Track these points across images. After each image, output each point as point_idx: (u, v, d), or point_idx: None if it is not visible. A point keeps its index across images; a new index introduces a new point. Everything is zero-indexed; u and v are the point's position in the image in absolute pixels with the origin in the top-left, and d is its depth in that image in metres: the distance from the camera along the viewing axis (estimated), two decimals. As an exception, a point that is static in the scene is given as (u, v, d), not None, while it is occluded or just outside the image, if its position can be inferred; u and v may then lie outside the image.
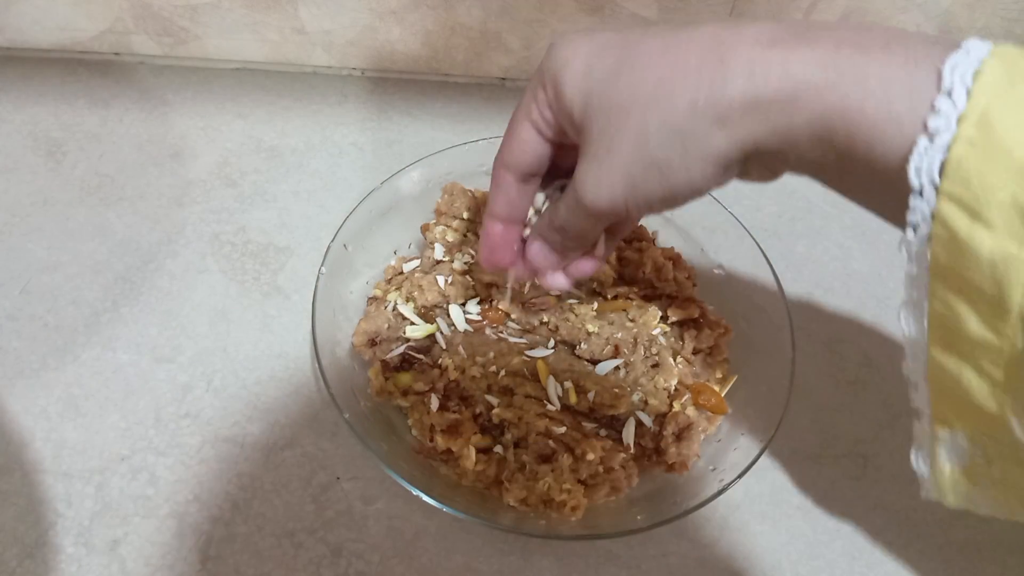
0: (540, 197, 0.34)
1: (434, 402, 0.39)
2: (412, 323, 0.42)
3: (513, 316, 0.42)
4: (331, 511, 0.39)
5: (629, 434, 0.39)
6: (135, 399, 0.42)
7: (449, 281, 0.43)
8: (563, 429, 0.38)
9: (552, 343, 0.42)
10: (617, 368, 0.41)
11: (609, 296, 0.43)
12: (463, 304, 0.43)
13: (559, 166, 0.32)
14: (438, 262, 0.45)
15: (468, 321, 0.42)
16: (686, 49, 0.25)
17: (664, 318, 0.43)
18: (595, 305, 0.43)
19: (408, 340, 0.42)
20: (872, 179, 0.24)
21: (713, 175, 0.26)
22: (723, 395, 0.42)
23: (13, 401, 0.42)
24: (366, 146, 0.56)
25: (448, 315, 0.42)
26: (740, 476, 0.37)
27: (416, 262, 0.46)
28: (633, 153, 0.26)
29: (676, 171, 0.26)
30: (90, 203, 0.51)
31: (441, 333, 0.42)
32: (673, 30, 0.26)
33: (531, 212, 0.34)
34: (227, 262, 0.49)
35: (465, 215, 0.46)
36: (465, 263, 0.44)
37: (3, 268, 0.47)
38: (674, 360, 0.42)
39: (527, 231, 0.34)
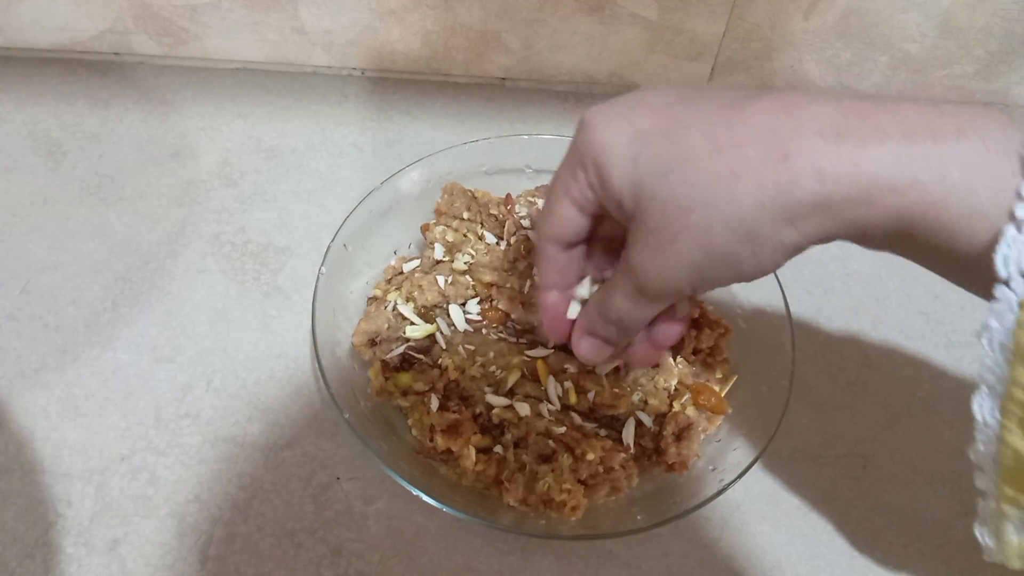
0: (584, 288, 0.33)
1: (434, 402, 0.39)
2: (412, 323, 0.42)
3: (513, 316, 0.42)
4: (331, 511, 0.39)
5: (629, 434, 0.39)
6: (135, 399, 0.42)
7: (449, 281, 0.43)
8: (563, 429, 0.38)
9: (552, 343, 0.42)
10: (617, 368, 0.41)
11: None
12: (463, 304, 0.43)
13: (599, 234, 0.32)
14: (438, 262, 0.45)
15: (468, 321, 0.42)
16: (740, 145, 0.24)
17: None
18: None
19: (408, 340, 0.42)
20: (953, 264, 0.24)
21: (784, 260, 0.26)
22: (723, 395, 0.42)
23: (13, 401, 0.42)
24: (366, 146, 0.56)
25: (448, 315, 0.42)
26: (740, 476, 0.37)
27: (416, 262, 0.46)
28: (699, 247, 0.25)
29: (745, 262, 0.25)
30: (90, 203, 0.51)
31: (441, 333, 0.42)
32: (717, 114, 0.25)
33: (575, 303, 0.33)
34: (227, 262, 0.49)
35: (465, 215, 0.46)
36: (465, 263, 0.44)
37: (3, 268, 0.47)
38: (674, 360, 0.42)
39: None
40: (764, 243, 0.24)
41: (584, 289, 0.33)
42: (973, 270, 0.23)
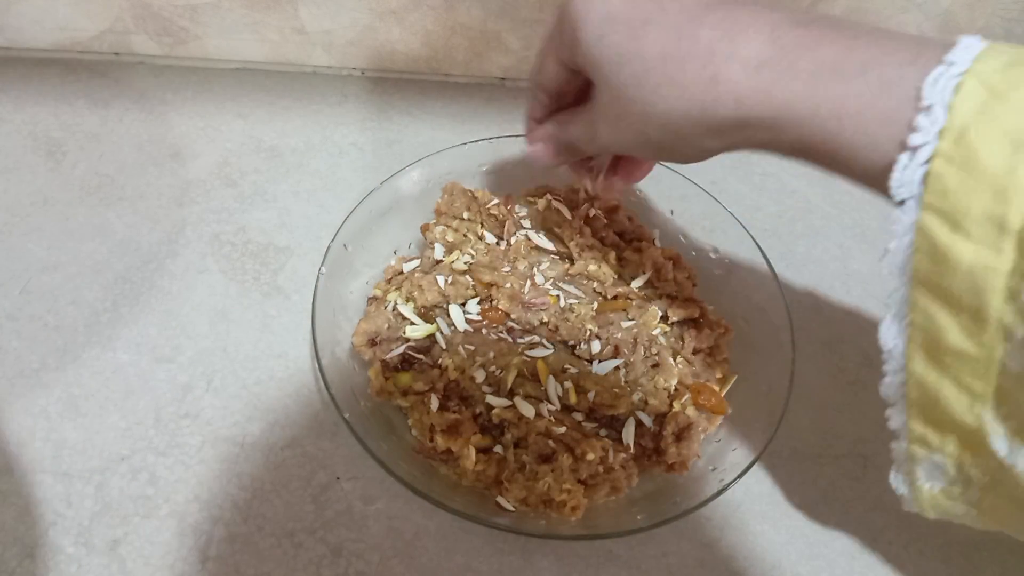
0: None
1: (434, 402, 0.39)
2: (412, 323, 0.42)
3: (513, 316, 0.42)
4: (331, 511, 0.39)
5: (629, 434, 0.39)
6: (135, 399, 0.42)
7: (449, 281, 0.43)
8: (563, 429, 0.38)
9: (552, 343, 0.42)
10: (617, 368, 0.41)
11: (609, 296, 0.43)
12: (463, 304, 0.43)
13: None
14: (438, 262, 0.45)
15: (468, 321, 0.42)
16: (683, 60, 0.27)
17: (664, 318, 0.43)
18: (595, 305, 0.43)
19: (408, 340, 0.42)
20: (858, 181, 0.26)
21: (708, 157, 0.31)
22: (723, 395, 0.42)
23: (13, 401, 0.42)
24: (366, 146, 0.56)
25: (448, 315, 0.42)
26: (740, 476, 0.37)
27: (416, 262, 0.46)
28: (638, 131, 0.30)
29: (675, 153, 0.31)
30: (90, 203, 0.51)
31: (441, 333, 0.42)
32: (680, 16, 0.28)
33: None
34: (227, 262, 0.49)
35: (465, 215, 0.46)
36: (465, 263, 0.44)
37: (3, 268, 0.47)
38: (674, 360, 0.42)
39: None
40: (689, 144, 0.29)
41: None
42: (876, 189, 0.25)
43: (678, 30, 0.28)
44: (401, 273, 0.45)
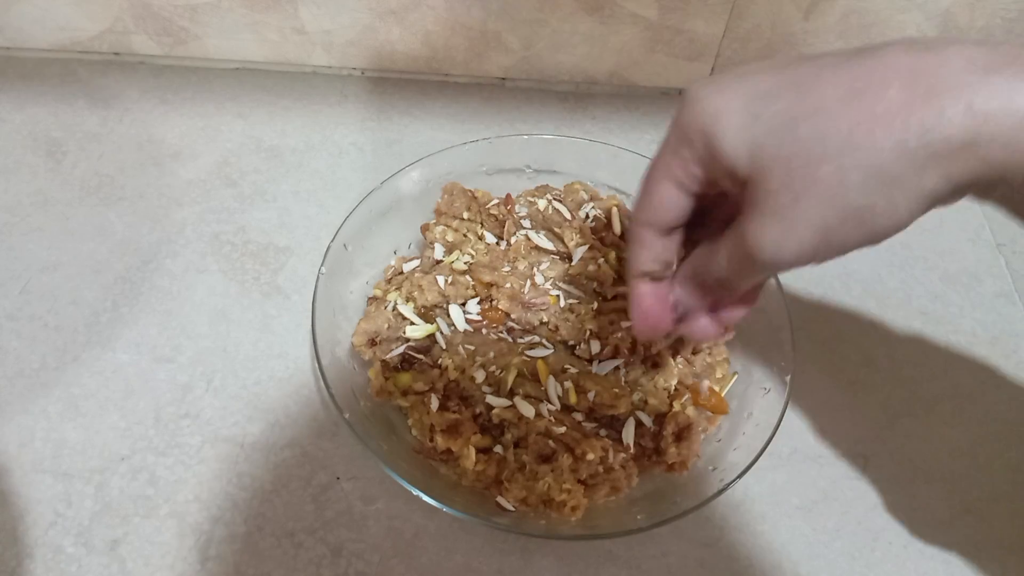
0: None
1: (434, 402, 0.39)
2: (412, 323, 0.42)
3: (513, 316, 0.42)
4: (331, 511, 0.39)
5: (629, 434, 0.39)
6: (135, 399, 0.42)
7: (449, 281, 0.43)
8: (563, 429, 0.38)
9: (552, 343, 0.42)
10: (617, 368, 0.41)
11: (609, 296, 0.43)
12: (463, 304, 0.43)
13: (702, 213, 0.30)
14: (438, 262, 0.45)
15: (468, 321, 0.42)
16: (881, 86, 0.22)
17: (664, 318, 0.43)
18: (595, 305, 0.43)
19: (408, 340, 0.42)
20: None
21: (920, 213, 0.24)
22: (723, 395, 0.42)
23: (13, 401, 0.42)
24: (366, 146, 0.56)
25: (448, 315, 0.42)
26: (740, 476, 0.36)
27: (416, 262, 0.46)
28: (828, 203, 0.24)
29: (880, 216, 0.24)
30: (90, 203, 0.51)
31: (441, 333, 0.42)
32: (847, 62, 0.24)
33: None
34: (227, 262, 0.49)
35: (465, 215, 0.46)
36: (465, 263, 0.44)
37: (3, 268, 0.47)
38: (674, 360, 0.42)
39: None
40: (903, 190, 0.23)
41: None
42: None
43: (859, 65, 0.23)
44: (401, 273, 0.45)
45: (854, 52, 0.24)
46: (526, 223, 0.46)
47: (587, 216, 0.46)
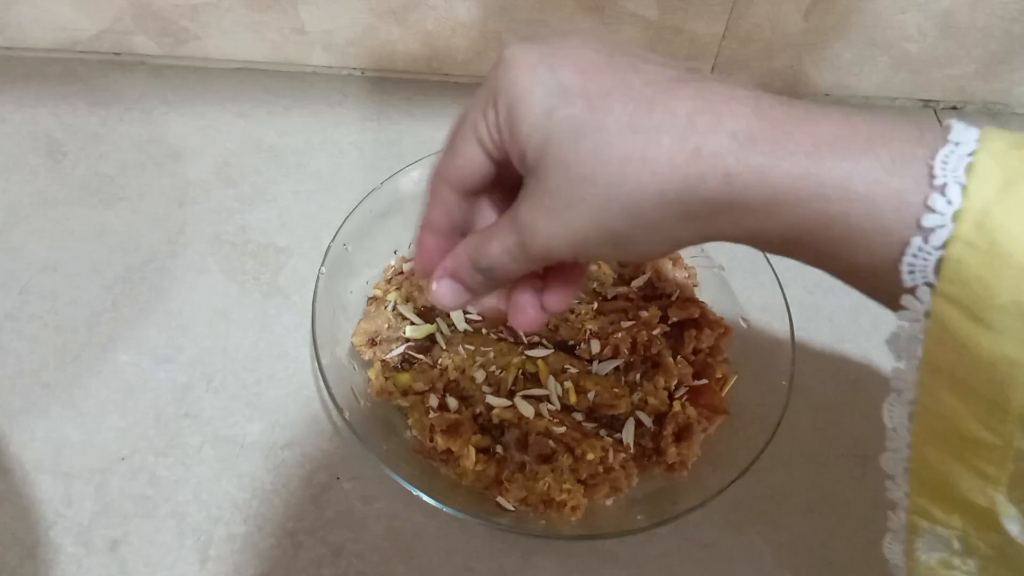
0: None
1: (434, 402, 0.39)
2: (412, 323, 0.42)
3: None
4: (331, 511, 0.39)
5: (629, 434, 0.39)
6: (135, 399, 0.42)
7: (449, 281, 0.43)
8: (563, 429, 0.38)
9: (552, 343, 0.42)
10: (617, 368, 0.41)
11: (609, 296, 0.43)
12: (463, 304, 0.43)
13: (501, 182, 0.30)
14: (438, 262, 0.45)
15: (468, 321, 0.42)
16: (657, 131, 0.23)
17: (664, 318, 0.43)
18: (595, 305, 0.43)
19: (408, 340, 0.42)
20: (853, 274, 0.24)
21: (673, 251, 0.26)
22: (723, 395, 0.42)
23: (13, 401, 0.42)
24: (366, 146, 0.56)
25: (448, 315, 0.42)
26: (740, 476, 0.37)
27: (416, 262, 0.46)
28: (593, 222, 0.25)
29: (637, 244, 0.25)
30: (90, 203, 0.51)
31: (441, 333, 0.42)
32: (646, 90, 0.24)
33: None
34: (227, 262, 0.49)
35: (465, 215, 0.46)
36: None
37: (3, 268, 0.47)
38: (674, 360, 0.42)
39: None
40: (658, 233, 0.24)
41: None
42: (874, 280, 0.23)
43: (648, 101, 0.24)
44: (401, 273, 0.45)
45: (655, 79, 0.24)
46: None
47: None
